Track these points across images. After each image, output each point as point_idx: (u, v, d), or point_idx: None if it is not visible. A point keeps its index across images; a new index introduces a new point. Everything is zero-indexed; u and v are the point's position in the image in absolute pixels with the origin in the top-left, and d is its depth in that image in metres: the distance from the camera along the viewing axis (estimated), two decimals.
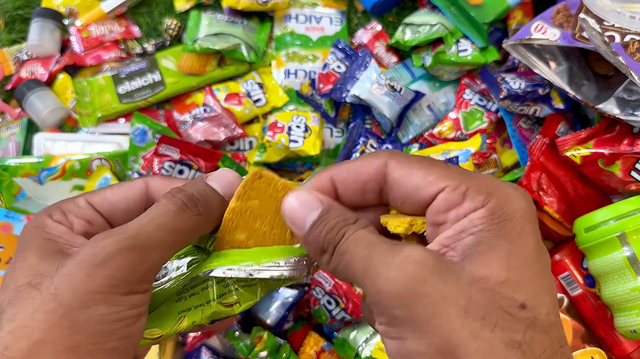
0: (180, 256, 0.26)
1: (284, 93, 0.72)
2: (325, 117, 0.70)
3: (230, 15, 0.75)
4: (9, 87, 0.74)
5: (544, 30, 0.57)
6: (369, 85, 0.66)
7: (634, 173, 0.53)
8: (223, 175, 0.26)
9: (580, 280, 0.59)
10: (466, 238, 0.20)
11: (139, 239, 0.22)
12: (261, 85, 0.72)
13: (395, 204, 0.24)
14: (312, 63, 0.74)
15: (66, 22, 0.77)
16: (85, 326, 0.20)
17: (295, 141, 0.66)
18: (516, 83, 0.61)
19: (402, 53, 0.74)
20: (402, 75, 0.72)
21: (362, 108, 0.70)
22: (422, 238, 0.24)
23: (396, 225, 0.23)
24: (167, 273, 0.25)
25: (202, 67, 0.72)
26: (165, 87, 0.71)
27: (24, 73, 0.74)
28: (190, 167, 0.63)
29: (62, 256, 0.22)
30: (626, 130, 0.55)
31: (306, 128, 0.68)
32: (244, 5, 0.73)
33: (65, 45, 0.77)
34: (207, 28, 0.72)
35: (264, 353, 0.57)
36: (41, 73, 0.73)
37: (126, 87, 0.71)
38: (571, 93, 0.57)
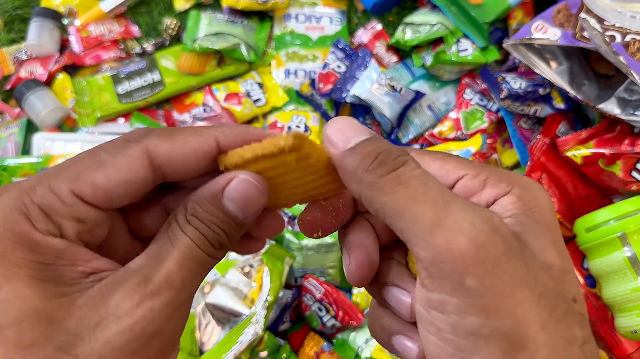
0: None
1: (283, 93, 0.72)
2: (325, 117, 0.70)
3: (230, 15, 0.75)
4: (8, 86, 0.74)
5: (544, 30, 0.57)
6: (369, 85, 0.65)
7: (634, 173, 0.53)
8: (244, 192, 0.20)
9: (581, 280, 0.59)
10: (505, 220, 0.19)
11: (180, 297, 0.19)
12: (261, 85, 0.72)
13: None
14: (312, 63, 0.74)
15: (65, 21, 0.77)
16: None
17: None
18: (517, 83, 0.61)
19: (403, 53, 0.74)
20: (402, 75, 0.72)
21: (362, 108, 0.70)
22: None
23: None
24: None
25: (202, 66, 0.72)
26: (164, 87, 0.71)
27: (23, 73, 0.74)
28: None
29: (75, 308, 0.17)
30: (627, 130, 0.55)
31: (306, 128, 0.68)
32: (244, 5, 0.73)
33: (64, 45, 0.77)
34: (206, 28, 0.72)
35: (264, 353, 0.57)
36: (40, 73, 0.73)
37: (125, 86, 0.71)
38: (572, 93, 0.57)
